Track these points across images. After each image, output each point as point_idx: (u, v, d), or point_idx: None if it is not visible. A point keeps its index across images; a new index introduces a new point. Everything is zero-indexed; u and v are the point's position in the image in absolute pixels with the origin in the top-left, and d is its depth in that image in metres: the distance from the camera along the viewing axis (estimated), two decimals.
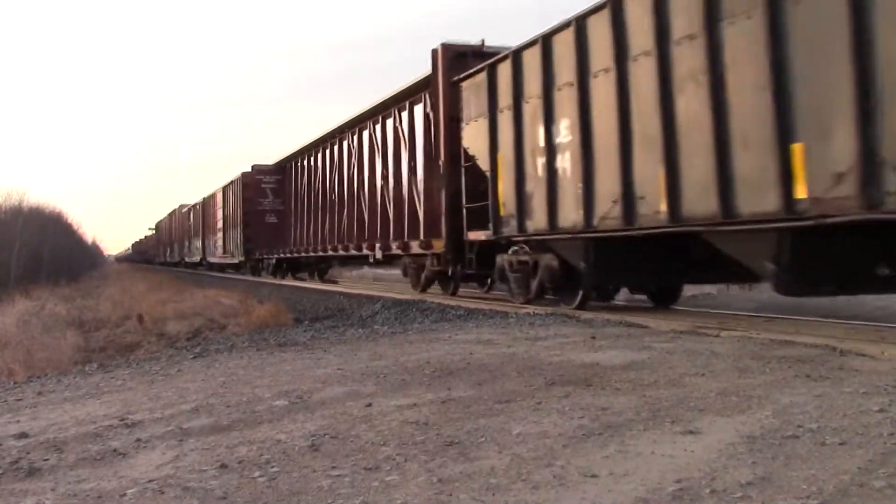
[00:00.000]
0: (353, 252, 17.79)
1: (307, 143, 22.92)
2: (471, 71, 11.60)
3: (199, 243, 40.18)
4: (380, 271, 22.40)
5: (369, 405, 4.24)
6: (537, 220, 9.91)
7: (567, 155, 9.20)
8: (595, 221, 8.70)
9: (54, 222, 42.75)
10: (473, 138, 11.61)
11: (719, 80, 6.94)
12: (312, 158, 22.60)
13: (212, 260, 35.76)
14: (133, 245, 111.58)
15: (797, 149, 6.19)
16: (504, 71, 10.51)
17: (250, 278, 27.68)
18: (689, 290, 10.99)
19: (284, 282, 23.19)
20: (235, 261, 30.54)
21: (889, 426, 3.31)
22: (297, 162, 24.68)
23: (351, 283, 22.23)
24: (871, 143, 5.58)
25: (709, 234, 7.36)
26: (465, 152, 11.93)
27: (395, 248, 14.85)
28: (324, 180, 21.13)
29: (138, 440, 3.79)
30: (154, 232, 71.20)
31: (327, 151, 20.77)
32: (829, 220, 5.92)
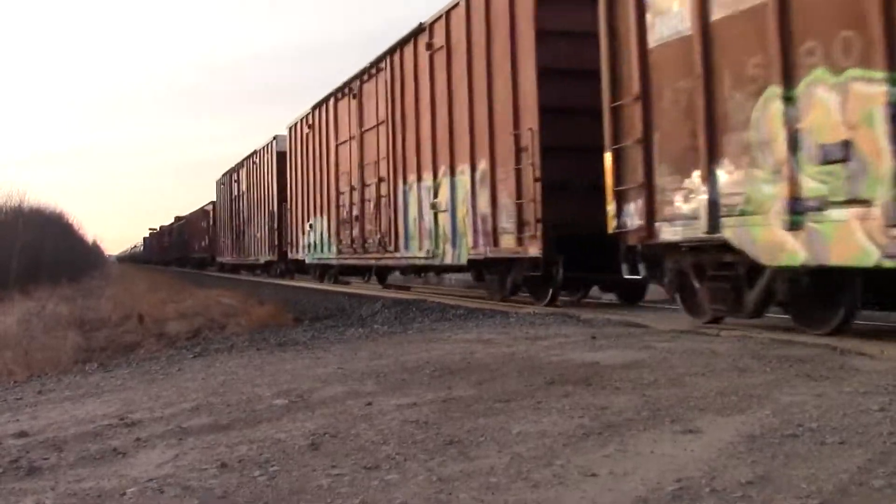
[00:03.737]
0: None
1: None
2: None
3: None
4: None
5: (369, 404, 4.25)
6: None
7: None
8: None
9: (54, 223, 42.69)
10: None
11: None
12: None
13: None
14: (148, 238, 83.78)
15: None
16: None
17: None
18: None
19: (285, 282, 22.63)
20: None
21: (889, 425, 3.31)
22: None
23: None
24: None
25: None
26: None
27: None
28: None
29: (138, 439, 3.79)
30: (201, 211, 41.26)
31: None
32: None
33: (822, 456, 2.95)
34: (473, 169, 10.84)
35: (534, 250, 9.46)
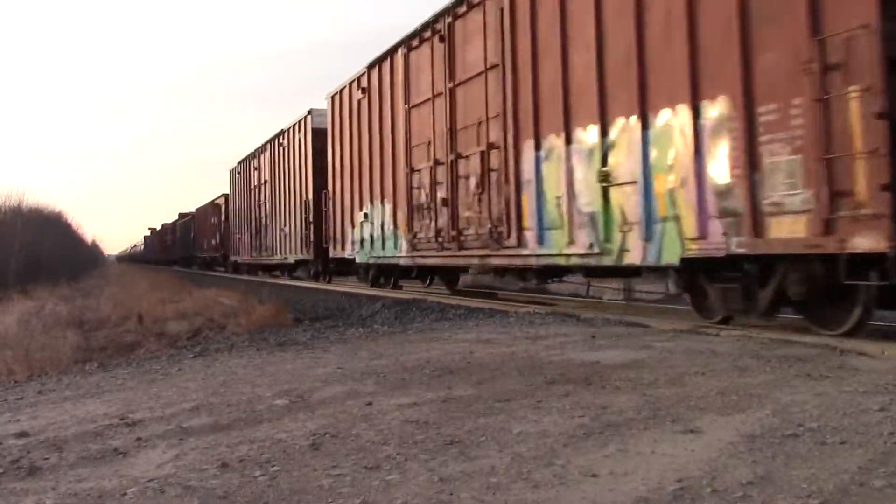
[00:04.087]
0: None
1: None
2: None
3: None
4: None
5: (370, 404, 4.25)
6: None
7: None
8: None
9: (54, 223, 42.75)
10: None
11: None
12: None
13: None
14: (150, 237, 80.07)
15: None
16: None
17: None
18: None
19: (286, 282, 22.24)
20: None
21: (889, 425, 3.31)
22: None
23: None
24: None
25: None
26: None
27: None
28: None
29: (139, 439, 3.79)
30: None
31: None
32: None
33: (823, 456, 2.95)
34: (696, 112, 6.93)
35: (868, 241, 5.48)
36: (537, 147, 9.42)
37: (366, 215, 15.10)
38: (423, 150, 12.63)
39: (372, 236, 14.91)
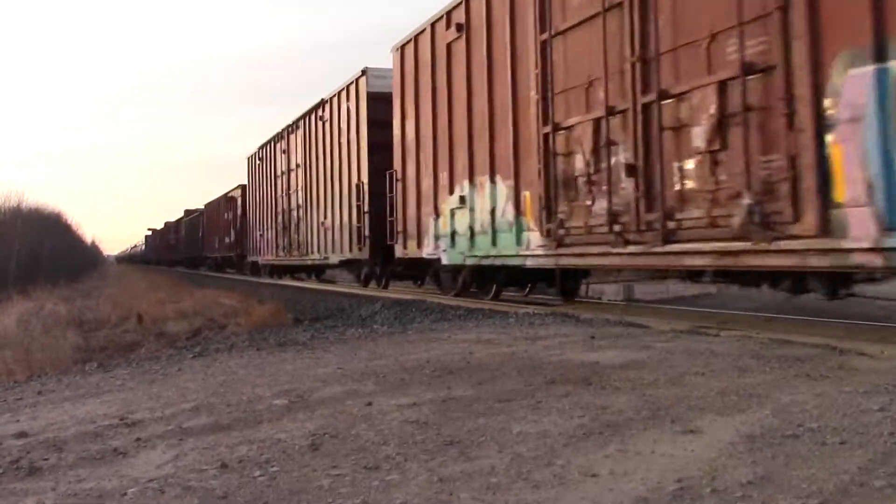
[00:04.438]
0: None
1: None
2: None
3: None
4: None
5: (369, 404, 4.25)
6: None
7: None
8: None
9: (53, 223, 42.77)
10: None
11: None
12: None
13: None
14: (151, 236, 77.27)
15: None
16: None
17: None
18: (689, 289, 10.92)
19: (285, 282, 21.91)
20: None
21: (889, 425, 3.31)
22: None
23: None
24: None
25: None
26: None
27: None
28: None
29: (138, 439, 3.79)
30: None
31: None
32: None
33: (823, 456, 2.96)
34: None
35: None
36: (879, 56, 5.45)
37: (462, 199, 11.26)
38: (577, 98, 8.70)
39: (472, 228, 11.01)
